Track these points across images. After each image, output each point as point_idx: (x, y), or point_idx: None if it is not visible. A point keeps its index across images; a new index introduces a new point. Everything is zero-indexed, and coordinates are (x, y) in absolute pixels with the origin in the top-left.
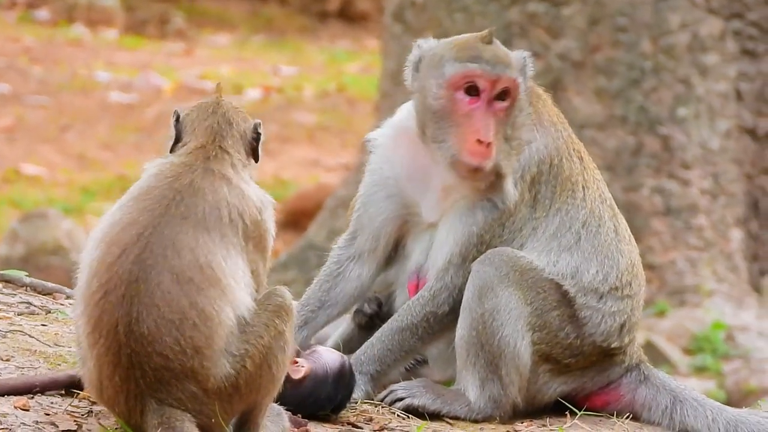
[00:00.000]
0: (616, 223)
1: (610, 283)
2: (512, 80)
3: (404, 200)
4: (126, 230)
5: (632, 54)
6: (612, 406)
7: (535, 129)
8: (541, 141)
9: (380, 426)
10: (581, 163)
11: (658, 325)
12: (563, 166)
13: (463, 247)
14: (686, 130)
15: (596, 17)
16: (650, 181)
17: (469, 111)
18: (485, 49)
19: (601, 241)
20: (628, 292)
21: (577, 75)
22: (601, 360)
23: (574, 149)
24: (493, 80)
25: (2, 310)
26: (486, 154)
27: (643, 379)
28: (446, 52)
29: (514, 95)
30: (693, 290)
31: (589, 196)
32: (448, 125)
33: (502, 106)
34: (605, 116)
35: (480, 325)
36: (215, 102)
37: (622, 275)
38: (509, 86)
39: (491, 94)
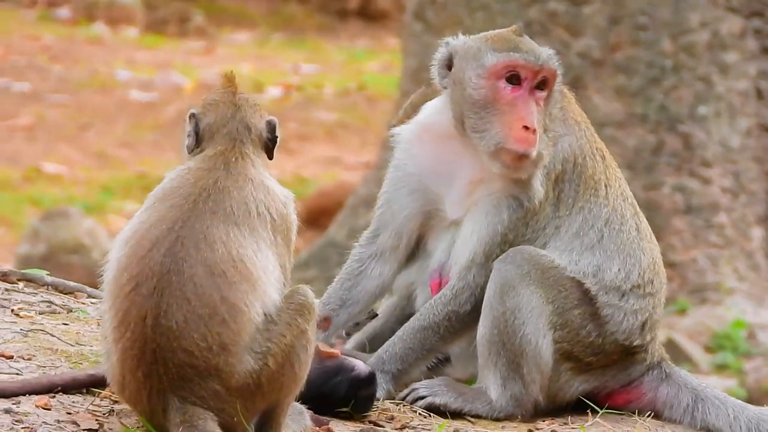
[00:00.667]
0: (637, 221)
1: (632, 281)
2: (553, 71)
3: (428, 196)
4: (155, 226)
5: (652, 52)
6: (633, 404)
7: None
8: (566, 139)
9: (402, 424)
10: (603, 161)
11: (679, 323)
12: (587, 165)
13: (486, 246)
14: (706, 128)
15: (616, 16)
16: (671, 180)
17: (513, 99)
18: (522, 41)
19: (623, 240)
20: (650, 290)
21: (597, 73)
22: (623, 358)
23: (596, 148)
24: (536, 70)
25: (24, 309)
26: (532, 140)
27: (665, 377)
28: (483, 44)
29: (551, 86)
30: (714, 288)
31: (612, 194)
32: (491, 114)
33: (542, 96)
34: (625, 115)
35: (501, 323)
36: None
37: (644, 273)
38: (549, 76)
39: (532, 83)
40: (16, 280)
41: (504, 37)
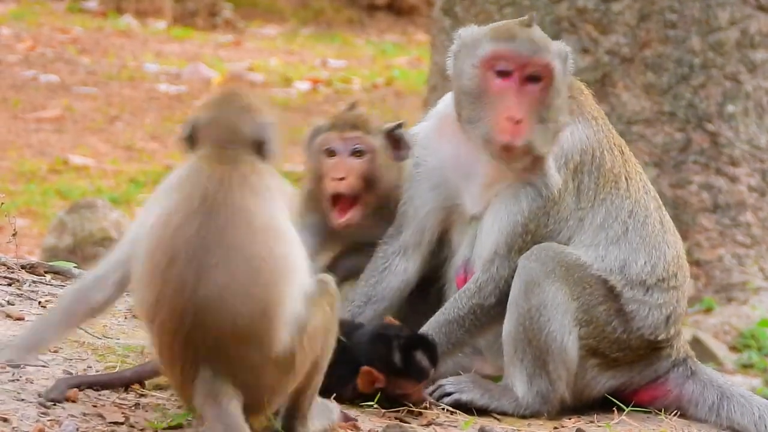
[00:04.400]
0: (660, 214)
1: (657, 275)
2: (544, 63)
3: (448, 191)
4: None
5: (681, 50)
6: (659, 401)
7: (578, 120)
8: (583, 132)
9: (428, 421)
10: (622, 156)
11: (704, 322)
12: (605, 158)
13: (508, 237)
14: (734, 126)
15: (645, 13)
16: (698, 178)
17: (501, 90)
18: (520, 32)
19: (648, 232)
20: (674, 284)
21: (625, 70)
22: (649, 353)
23: (615, 143)
24: (524, 62)
25: (51, 302)
26: (516, 131)
27: (690, 374)
28: (482, 35)
29: (547, 78)
30: (740, 287)
31: (633, 187)
32: (482, 105)
33: (535, 88)
34: (653, 112)
35: (527, 320)
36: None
37: (669, 266)
38: (540, 68)
39: (522, 74)
40: (43, 272)
41: (505, 28)
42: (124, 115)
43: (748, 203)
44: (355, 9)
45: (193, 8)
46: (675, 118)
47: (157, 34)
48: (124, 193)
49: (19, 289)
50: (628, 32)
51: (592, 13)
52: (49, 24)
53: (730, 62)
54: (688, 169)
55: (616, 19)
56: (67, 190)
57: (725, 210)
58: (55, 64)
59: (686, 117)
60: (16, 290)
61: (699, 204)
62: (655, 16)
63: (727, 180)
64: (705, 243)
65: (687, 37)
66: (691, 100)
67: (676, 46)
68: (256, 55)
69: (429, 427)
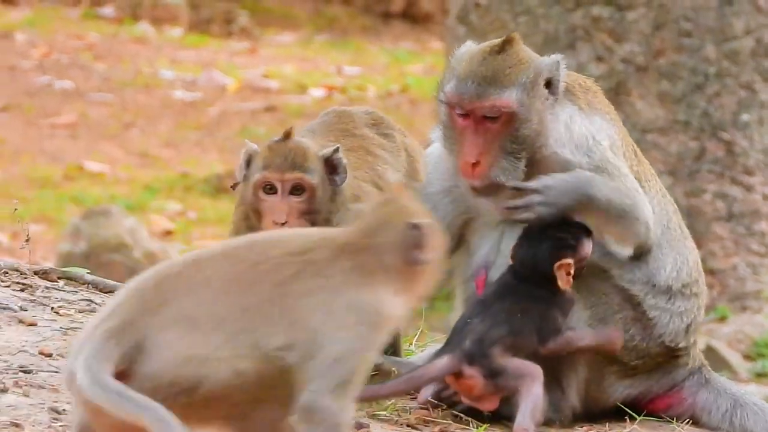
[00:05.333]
0: (678, 218)
1: (682, 280)
2: (491, 105)
3: (467, 205)
4: None
5: (696, 59)
6: (674, 409)
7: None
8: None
9: (439, 428)
10: (636, 156)
11: (718, 331)
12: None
13: None
14: (749, 135)
15: (660, 21)
16: (712, 187)
17: (462, 129)
18: (479, 70)
19: (671, 236)
20: (696, 290)
21: (640, 79)
22: (667, 361)
23: (628, 142)
24: (471, 107)
25: (63, 307)
26: (473, 174)
27: (705, 382)
28: (454, 65)
29: (504, 114)
30: (754, 296)
31: (652, 188)
32: (452, 140)
33: (494, 126)
34: (668, 121)
35: None
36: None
37: (692, 272)
38: (489, 109)
39: (478, 115)
40: (56, 278)
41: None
42: (138, 122)
43: (763, 212)
44: (369, 16)
45: (208, 15)
46: (689, 126)
47: (172, 41)
48: (138, 199)
49: (32, 295)
50: (643, 41)
51: (607, 21)
52: (64, 30)
53: (745, 71)
54: (702, 177)
55: (631, 27)
56: (82, 197)
57: (740, 219)
58: (70, 70)
59: (701, 126)
60: (29, 296)
61: (713, 213)
62: (670, 24)
63: (742, 189)
64: (719, 252)
65: (702, 45)
66: (705, 108)
67: (691, 55)
68: (271, 62)
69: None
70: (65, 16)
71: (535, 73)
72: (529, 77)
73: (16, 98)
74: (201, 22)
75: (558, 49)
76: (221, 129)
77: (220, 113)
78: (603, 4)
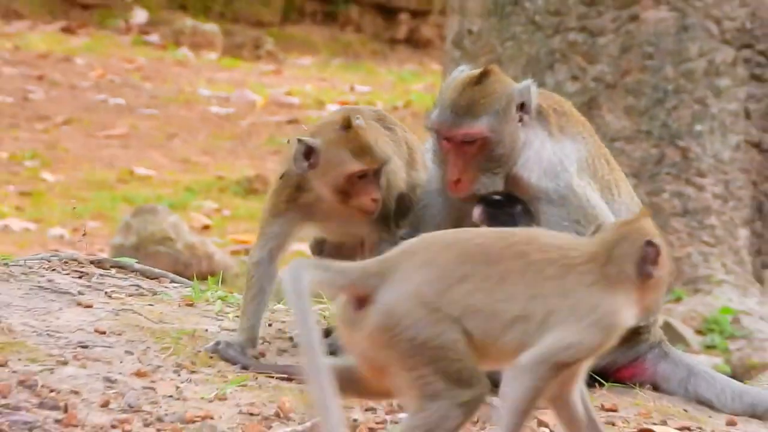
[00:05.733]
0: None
1: None
2: (465, 132)
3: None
4: None
5: (657, 77)
6: (637, 377)
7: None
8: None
9: None
10: (608, 165)
11: (675, 310)
12: (596, 167)
13: None
14: (702, 143)
15: (627, 46)
16: (670, 187)
17: (445, 150)
18: (456, 100)
19: None
20: None
21: (609, 95)
22: (631, 337)
23: (601, 153)
24: (449, 134)
25: (115, 291)
26: (456, 189)
27: (664, 355)
28: (441, 93)
29: (478, 139)
30: (705, 280)
31: (623, 192)
32: (440, 159)
33: (471, 148)
34: (633, 131)
35: None
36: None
37: None
38: (464, 136)
39: (456, 140)
40: (109, 267)
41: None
42: (180, 133)
43: (713, 208)
44: (378, 42)
45: (240, 42)
46: (651, 135)
47: (209, 63)
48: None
49: (88, 281)
50: (612, 62)
51: (581, 46)
52: (117, 55)
53: (699, 88)
54: (661, 179)
55: (602, 51)
56: (132, 197)
57: (693, 214)
58: (122, 89)
59: (661, 135)
60: (86, 282)
61: (671, 209)
62: (635, 48)
63: (695, 189)
64: (676, 242)
65: (662, 66)
66: (665, 120)
67: (653, 74)
68: (293, 82)
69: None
70: (118, 42)
71: (507, 101)
72: (501, 105)
73: (77, 113)
74: (233, 48)
75: (539, 69)
76: (251, 139)
77: (250, 125)
78: (578, 31)
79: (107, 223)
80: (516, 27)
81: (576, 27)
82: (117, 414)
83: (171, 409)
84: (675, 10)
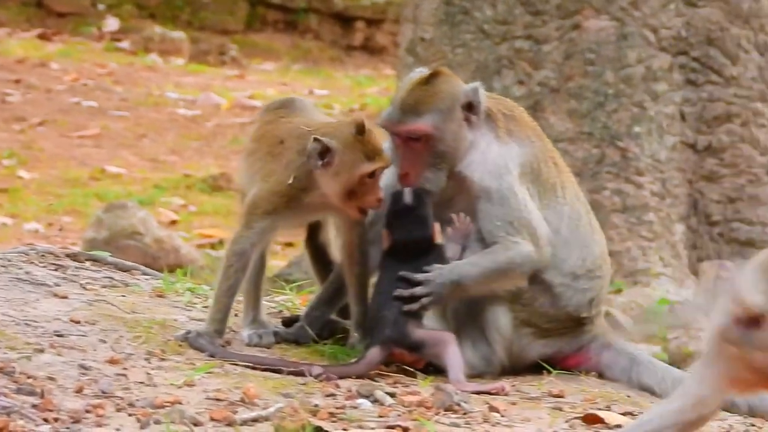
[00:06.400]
0: (590, 218)
1: (586, 267)
2: (409, 129)
3: None
4: None
5: (598, 82)
6: (582, 365)
7: (513, 139)
8: (519, 151)
9: (394, 380)
10: (556, 168)
11: (615, 301)
12: (542, 170)
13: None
14: (640, 144)
15: (570, 52)
16: (611, 185)
17: (396, 146)
18: (404, 99)
19: (581, 233)
20: (599, 274)
21: (553, 99)
22: (575, 327)
23: (549, 156)
24: (395, 130)
25: (90, 283)
26: (406, 181)
27: (607, 344)
28: (395, 93)
29: (423, 136)
30: (643, 273)
31: (568, 195)
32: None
33: (417, 145)
34: (575, 132)
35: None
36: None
37: (596, 260)
38: (409, 133)
39: (402, 137)
40: (83, 260)
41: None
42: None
43: (651, 205)
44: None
45: (206, 48)
46: (592, 137)
47: (176, 68)
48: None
49: (64, 274)
50: (556, 68)
51: (527, 52)
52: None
53: (637, 92)
54: (602, 178)
55: (546, 57)
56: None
57: (632, 211)
58: (94, 92)
59: (601, 136)
60: (62, 274)
61: (611, 206)
62: (577, 55)
63: (634, 187)
64: (616, 237)
65: (603, 72)
66: (605, 122)
67: (594, 80)
68: (256, 86)
69: (395, 385)
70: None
71: (452, 100)
72: (446, 104)
73: (52, 115)
74: (200, 54)
75: (487, 74)
76: (216, 139)
77: (215, 126)
78: (524, 39)
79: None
80: (466, 35)
81: (522, 35)
82: (91, 399)
83: (142, 395)
84: (615, 19)
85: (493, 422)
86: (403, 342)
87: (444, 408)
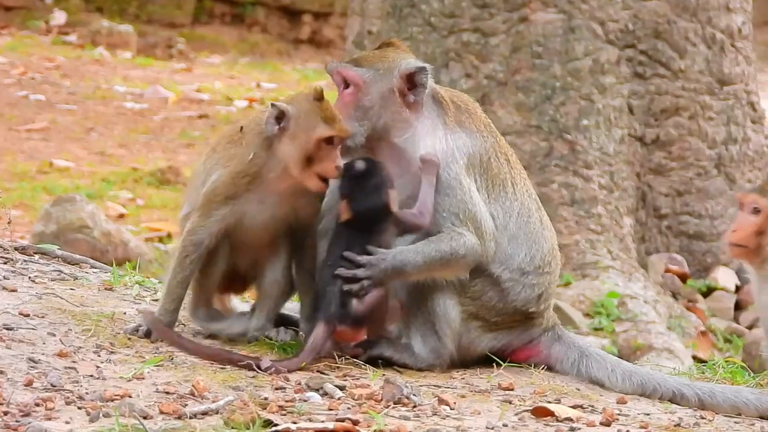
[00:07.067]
0: (540, 214)
1: (535, 264)
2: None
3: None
4: None
5: (545, 75)
6: (532, 359)
7: (463, 130)
8: (468, 141)
9: (343, 373)
10: (508, 164)
11: (564, 294)
12: (492, 164)
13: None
14: (588, 137)
15: (517, 45)
16: (559, 178)
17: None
18: (353, 54)
19: (530, 230)
20: (548, 270)
21: (501, 92)
22: (524, 321)
23: (501, 152)
24: (332, 72)
25: (38, 276)
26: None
27: (557, 338)
28: None
29: (353, 85)
30: (592, 266)
31: (519, 191)
32: None
33: (346, 93)
34: (523, 125)
35: (416, 290)
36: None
37: (545, 257)
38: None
39: (337, 81)
40: (32, 253)
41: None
42: (97, 127)
43: (599, 198)
44: (283, 42)
45: (153, 42)
46: (540, 130)
47: (124, 62)
48: (97, 189)
49: (13, 267)
50: (503, 61)
51: (474, 45)
52: (38, 54)
53: (585, 85)
54: (551, 171)
55: (493, 50)
56: (52, 187)
57: (580, 204)
58: (42, 86)
59: (549, 129)
60: (10, 268)
61: (560, 199)
62: (525, 48)
63: (582, 180)
64: (564, 230)
65: (550, 65)
66: (553, 115)
67: (542, 72)
68: (203, 79)
69: (345, 378)
70: (39, 42)
71: (390, 66)
72: (384, 66)
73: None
74: (147, 47)
75: (435, 67)
76: (164, 133)
77: (163, 120)
78: (471, 32)
79: (28, 212)
80: (413, 28)
81: (469, 28)
82: (40, 392)
83: (91, 388)
84: (562, 12)
85: (443, 415)
86: (347, 317)
87: (393, 401)
